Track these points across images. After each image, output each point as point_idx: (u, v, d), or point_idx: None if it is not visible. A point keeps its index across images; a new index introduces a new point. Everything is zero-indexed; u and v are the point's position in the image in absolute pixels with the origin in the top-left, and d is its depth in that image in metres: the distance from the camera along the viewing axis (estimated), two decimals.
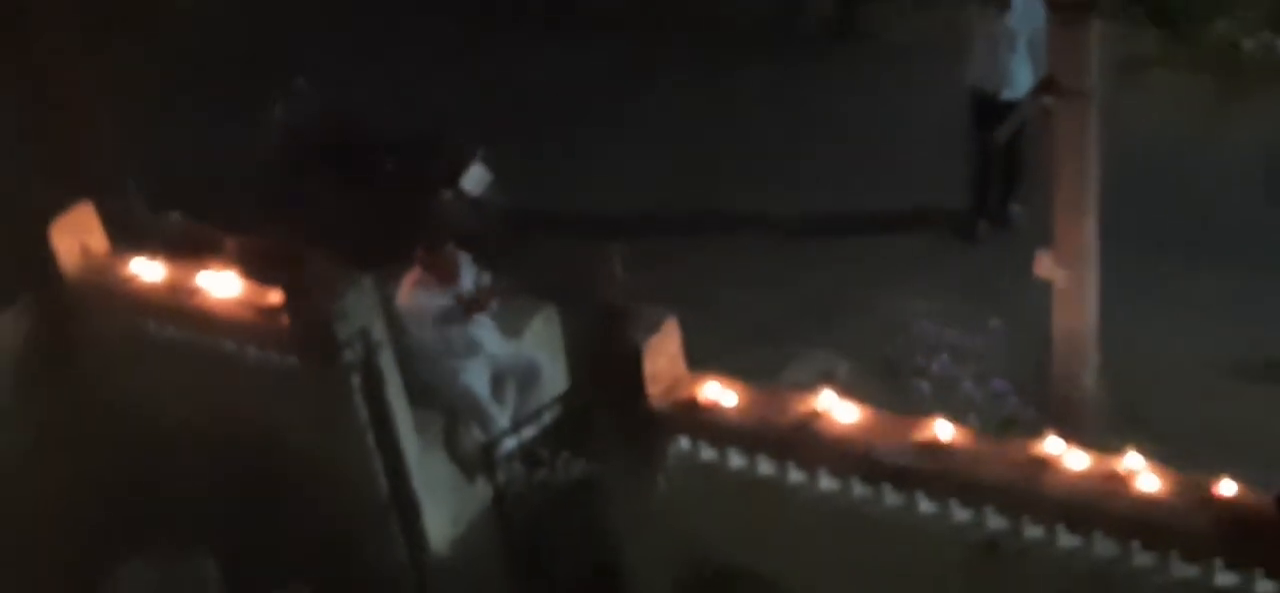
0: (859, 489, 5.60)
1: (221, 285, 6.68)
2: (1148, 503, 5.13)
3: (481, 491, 6.93)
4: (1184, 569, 5.10)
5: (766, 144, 9.17)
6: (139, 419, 6.84)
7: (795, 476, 5.71)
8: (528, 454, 6.80)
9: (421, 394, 6.79)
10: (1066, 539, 5.27)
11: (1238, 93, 8.84)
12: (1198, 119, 8.66)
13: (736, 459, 5.79)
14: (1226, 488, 5.02)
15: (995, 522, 5.38)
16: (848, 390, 5.84)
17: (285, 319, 6.44)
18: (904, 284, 7.97)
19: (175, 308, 6.78)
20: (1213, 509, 5.02)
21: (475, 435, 7.00)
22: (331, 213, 7.91)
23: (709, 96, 9.53)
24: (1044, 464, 5.31)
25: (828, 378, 6.44)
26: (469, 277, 6.82)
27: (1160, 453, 5.32)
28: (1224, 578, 5.06)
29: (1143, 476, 5.17)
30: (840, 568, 5.70)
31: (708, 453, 5.84)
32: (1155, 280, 7.44)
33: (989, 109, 7.99)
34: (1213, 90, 8.89)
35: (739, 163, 9.05)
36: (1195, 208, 8.10)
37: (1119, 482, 5.20)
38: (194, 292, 6.71)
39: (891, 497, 5.56)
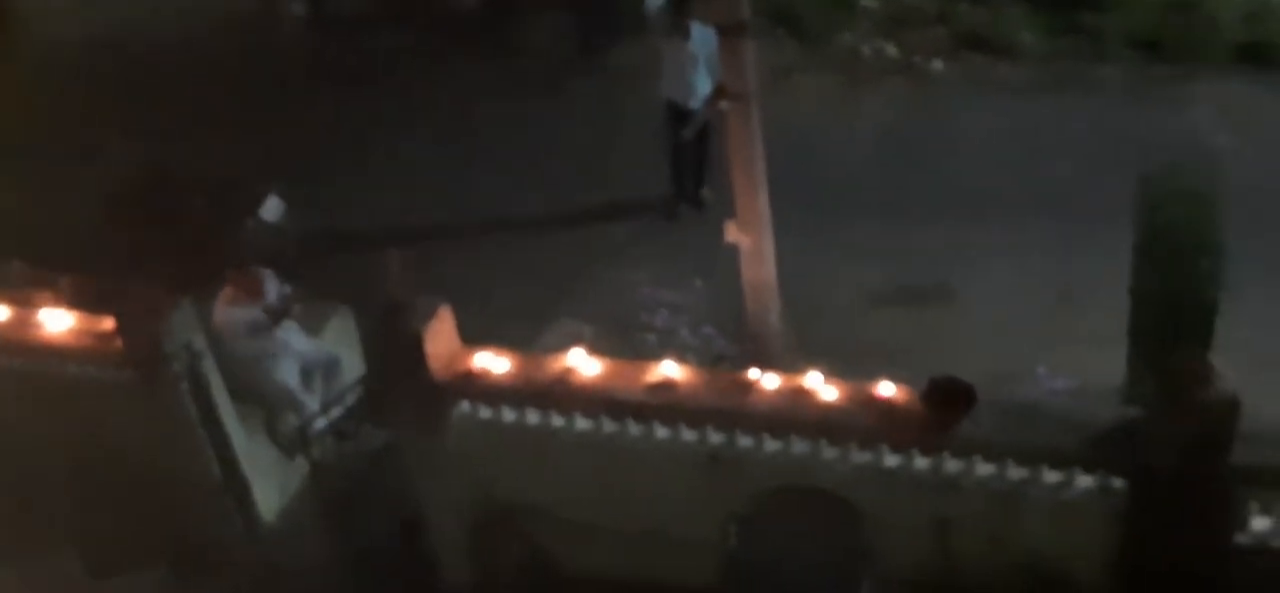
0: (608, 426, 5.57)
1: (60, 320, 6.38)
2: (827, 408, 5.25)
3: (300, 467, 6.67)
4: (860, 457, 5.20)
5: (520, 155, 9.07)
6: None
7: (557, 421, 5.64)
8: (336, 432, 6.61)
9: (242, 392, 6.51)
10: (771, 445, 5.31)
11: (861, 88, 9.20)
12: (834, 109, 8.97)
13: (508, 414, 5.69)
14: (885, 389, 5.19)
15: (715, 439, 5.42)
16: (591, 348, 5.80)
17: (119, 341, 6.17)
18: (628, 260, 7.97)
19: (19, 341, 6.39)
20: (876, 407, 5.20)
21: (291, 421, 6.75)
22: (154, 250, 7.51)
23: (473, 123, 9.39)
24: (748, 388, 5.37)
25: (575, 341, 6.37)
26: (273, 290, 6.57)
27: (834, 369, 5.41)
28: (890, 460, 5.18)
29: (822, 388, 5.30)
30: (601, 491, 5.68)
31: (485, 412, 5.72)
32: (818, 235, 7.55)
33: (680, 116, 8.08)
34: (842, 88, 9.23)
35: (497, 174, 8.93)
36: (839, 176, 8.28)
37: (805, 395, 5.27)
38: (36, 326, 6.38)
39: (634, 428, 5.53)
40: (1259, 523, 4.58)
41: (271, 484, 6.66)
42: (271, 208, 7.91)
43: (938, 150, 8.33)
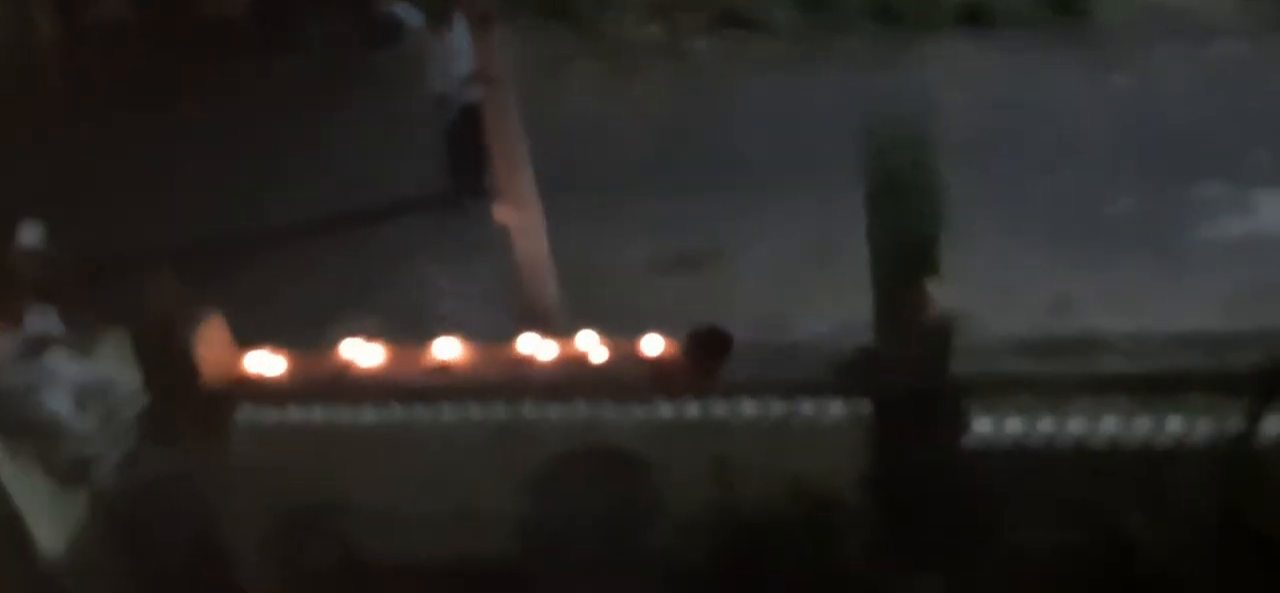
0: (397, 412, 5.88)
1: None
2: (604, 369, 5.81)
3: (81, 497, 6.72)
4: (638, 411, 5.74)
5: (300, 160, 9.29)
6: None
7: (344, 414, 5.90)
8: (116, 456, 6.61)
9: (9, 427, 6.46)
10: (556, 410, 5.78)
11: (631, 71, 9.90)
12: (607, 93, 9.64)
13: (295, 413, 5.92)
14: (650, 345, 5.80)
15: (502, 411, 5.87)
16: (376, 340, 6.09)
17: None
18: (412, 253, 8.36)
19: None
20: (648, 363, 5.81)
21: (66, 451, 6.77)
22: None
23: (249, 131, 9.55)
24: (528, 359, 5.88)
25: (364, 334, 6.63)
26: (40, 319, 6.59)
27: (614, 333, 5.97)
28: (663, 411, 5.76)
29: (598, 350, 5.86)
30: (399, 478, 5.94)
31: (268, 414, 5.93)
32: (597, 211, 8.14)
33: (450, 108, 8.53)
34: (613, 71, 9.91)
35: (276, 181, 9.15)
36: (614, 155, 8.91)
37: (583, 359, 5.82)
38: None
39: (422, 411, 5.87)
40: (982, 426, 5.43)
41: (50, 518, 6.67)
42: (29, 232, 7.89)
43: (705, 125, 9.11)
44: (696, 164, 8.58)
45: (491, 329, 7.59)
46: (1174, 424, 5.36)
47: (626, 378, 5.78)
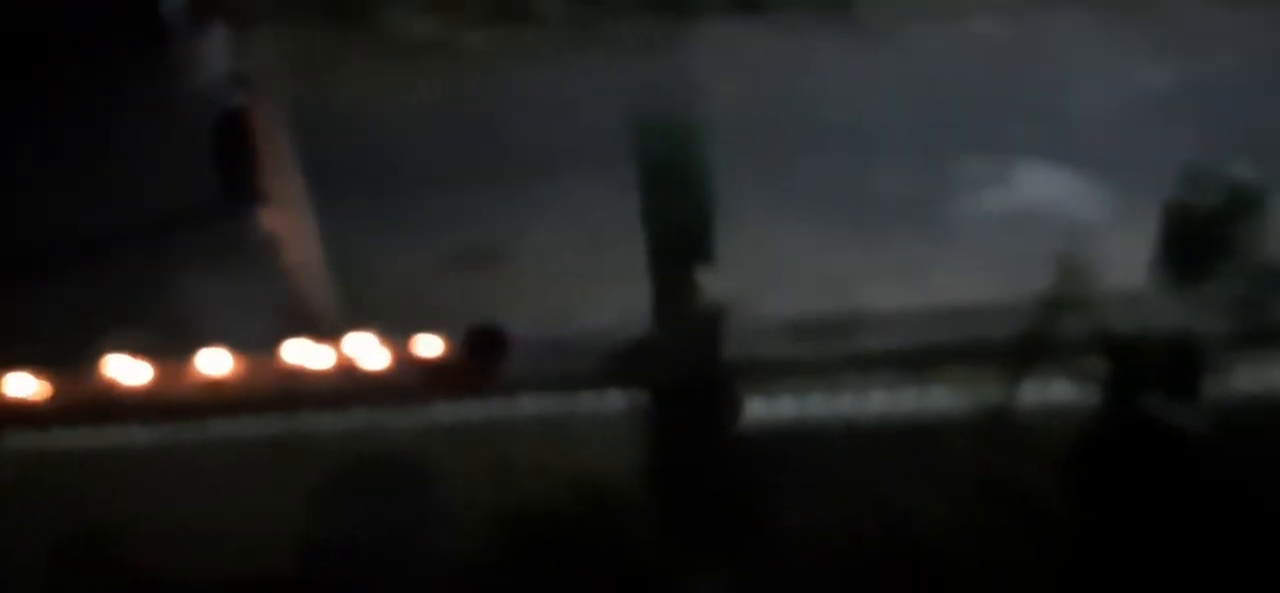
0: (168, 430, 5.75)
1: None
2: (380, 372, 5.75)
3: None
4: (419, 415, 5.75)
5: (67, 171, 8.86)
6: None
7: (113, 435, 5.76)
8: None
9: None
10: (334, 419, 5.74)
11: (405, 66, 9.76)
12: (382, 90, 9.47)
13: (60, 437, 5.74)
14: (429, 347, 5.75)
15: (279, 423, 5.75)
16: (145, 355, 5.94)
17: None
18: (184, 259, 8.04)
19: None
20: (423, 365, 5.75)
21: None
22: None
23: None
24: (303, 367, 5.77)
25: (128, 350, 6.43)
26: None
27: (392, 336, 5.89)
28: (444, 413, 5.77)
29: (373, 354, 5.78)
30: (172, 499, 5.80)
31: (29, 439, 5.74)
32: (376, 212, 7.91)
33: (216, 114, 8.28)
34: (387, 67, 9.74)
35: (40, 193, 8.72)
36: (391, 154, 8.76)
37: (358, 363, 5.77)
38: None
39: (194, 428, 5.76)
40: (757, 408, 5.57)
41: None
42: None
43: (481, 120, 9.03)
44: (474, 160, 8.51)
45: (264, 339, 7.47)
46: (940, 397, 5.61)
47: (405, 382, 5.74)
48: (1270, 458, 5.61)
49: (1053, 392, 5.65)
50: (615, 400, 5.62)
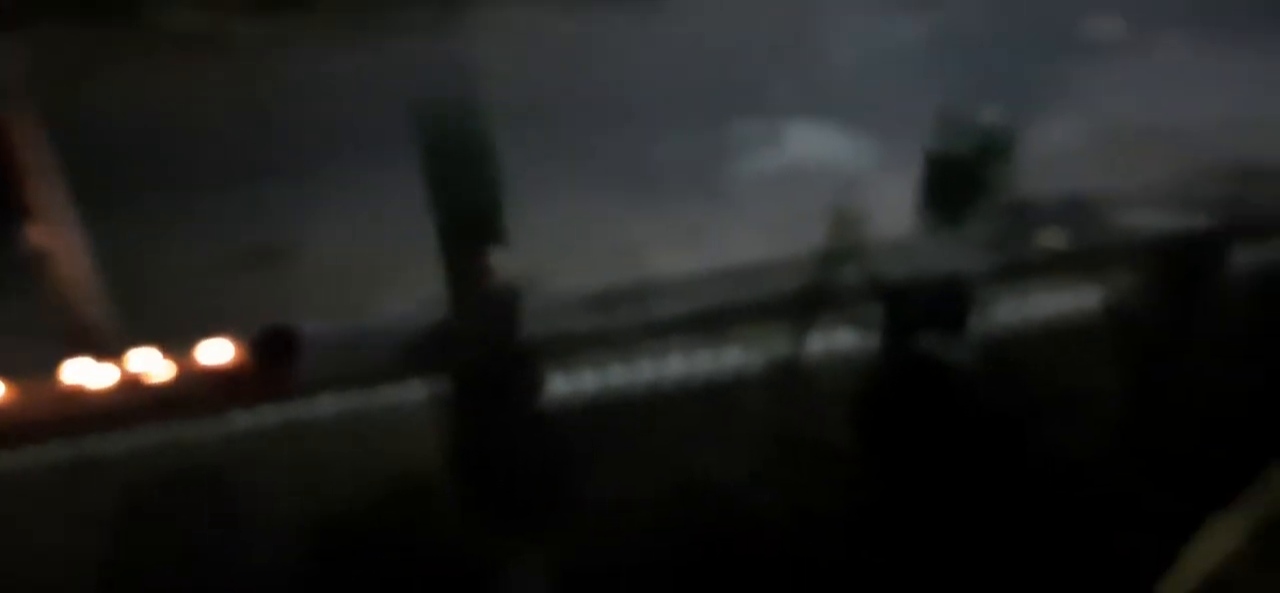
0: None
1: None
2: (167, 384, 5.56)
3: None
4: (215, 426, 5.58)
5: None
6: None
7: None
8: None
9: None
10: (119, 440, 5.51)
11: (176, 62, 9.41)
12: (154, 87, 9.10)
13: None
14: (217, 354, 5.59)
15: (61, 450, 5.50)
16: None
17: None
18: None
19: None
20: (213, 374, 5.59)
21: None
22: None
23: None
24: (81, 387, 5.52)
25: None
26: None
27: (176, 344, 5.69)
28: (241, 421, 5.61)
29: (158, 366, 5.59)
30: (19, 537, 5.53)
31: None
32: (157, 216, 7.71)
33: None
34: (157, 64, 9.37)
35: None
36: (168, 153, 8.47)
37: (144, 377, 5.57)
38: None
39: None
40: (559, 384, 5.66)
41: None
42: None
43: (258, 113, 8.80)
44: (251, 156, 8.31)
45: (40, 362, 7.12)
46: (733, 356, 5.81)
47: (196, 393, 5.57)
48: (1030, 382, 6.05)
49: (837, 340, 5.90)
50: (416, 391, 5.60)
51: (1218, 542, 5.01)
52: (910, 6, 9.81)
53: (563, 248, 6.79)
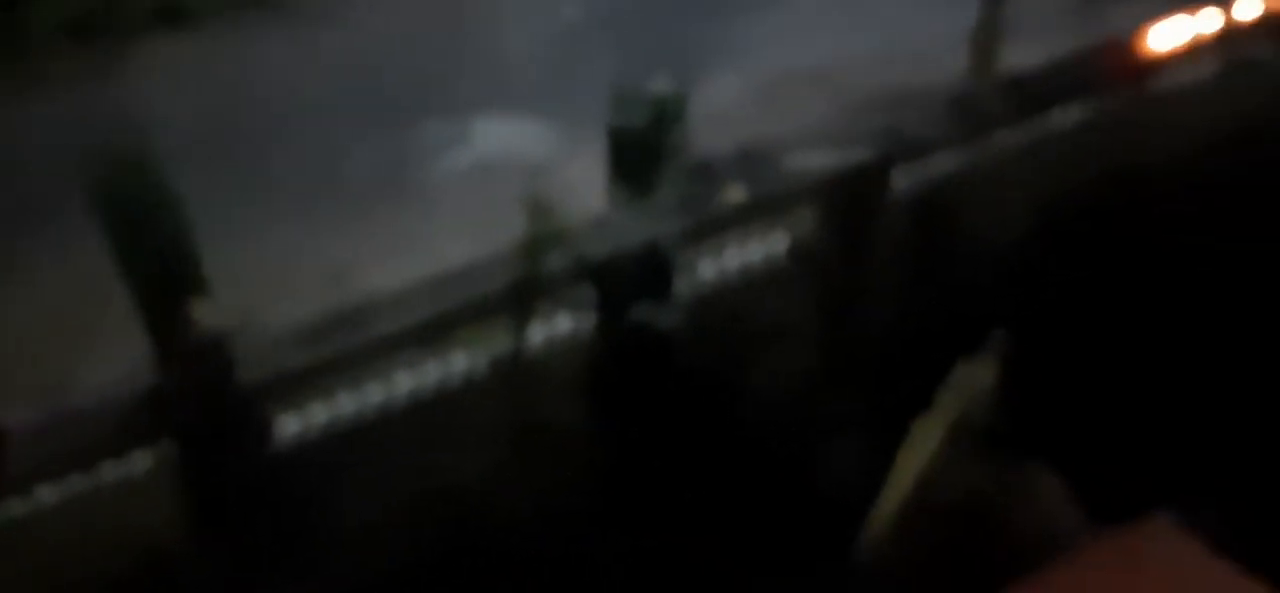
0: None
1: None
2: None
3: None
4: None
5: None
6: None
7: None
8: None
9: None
10: None
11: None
12: None
13: None
14: None
15: None
16: None
17: None
18: None
19: None
20: None
21: None
22: None
23: None
24: None
25: None
26: None
27: None
28: None
29: None
30: None
31: None
32: None
33: None
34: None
35: None
36: None
37: None
38: None
39: None
40: (291, 424, 5.59)
41: None
42: None
43: None
44: None
45: None
46: (459, 361, 5.90)
47: None
48: (738, 331, 6.45)
49: (556, 325, 6.09)
50: (140, 462, 5.40)
51: (921, 443, 5.55)
52: None
53: (267, 282, 6.63)
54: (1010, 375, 5.65)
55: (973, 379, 5.66)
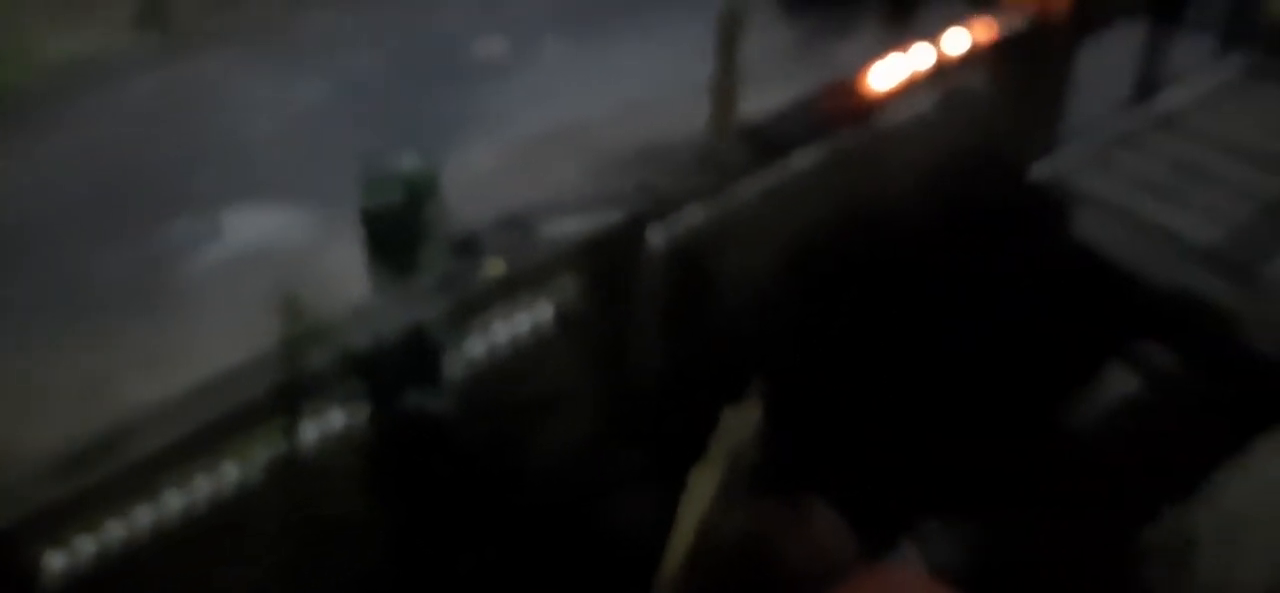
0: None
1: None
2: None
3: None
4: None
5: None
6: None
7: None
8: None
9: None
10: None
11: None
12: None
13: None
14: None
15: None
16: None
17: None
18: None
19: None
20: None
21: None
22: None
23: None
24: None
25: None
26: None
27: None
28: None
29: None
30: None
31: None
32: None
33: None
34: None
35: None
36: None
37: None
38: None
39: None
40: (55, 561, 5.31)
41: None
42: None
43: None
44: None
45: None
46: (232, 472, 5.74)
47: None
48: (511, 405, 6.52)
49: (329, 422, 6.02)
50: None
51: (698, 491, 5.76)
52: (306, 68, 9.90)
53: (18, 411, 6.29)
54: (775, 415, 5.92)
55: (739, 424, 5.89)
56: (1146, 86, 9.90)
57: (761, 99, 8.04)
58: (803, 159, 7.63)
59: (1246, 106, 9.70)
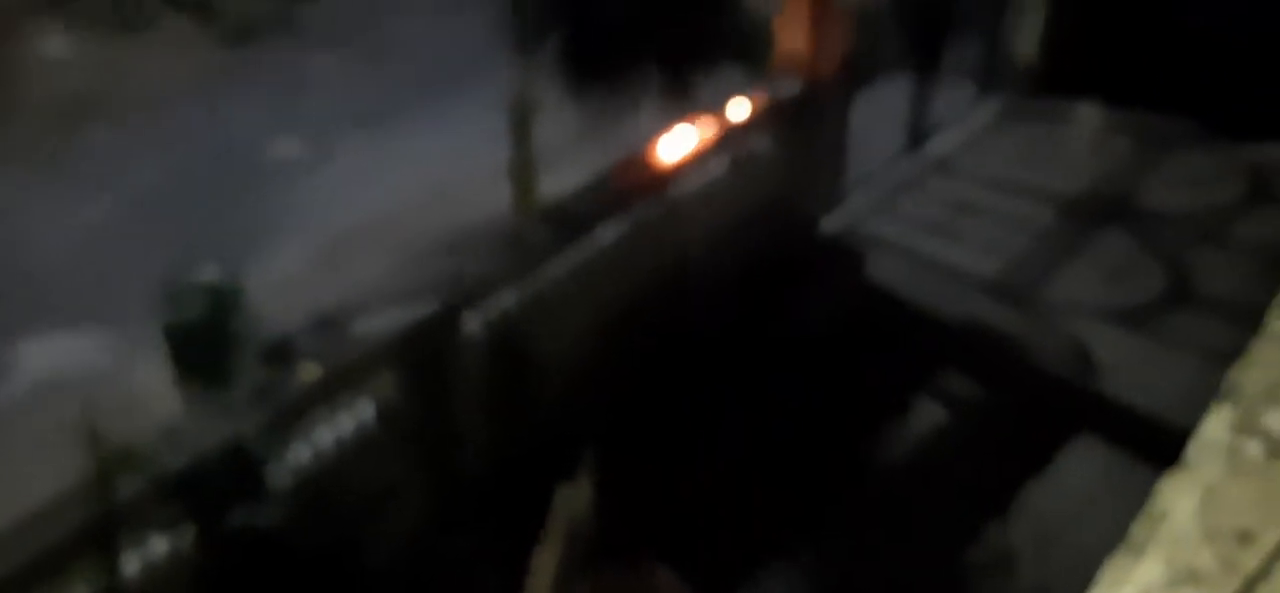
0: None
1: None
2: None
3: None
4: None
5: None
6: None
7: None
8: None
9: None
10: None
11: None
12: None
13: None
14: None
15: None
16: None
17: None
18: None
19: None
20: None
21: None
22: None
23: None
24: None
25: None
26: None
27: None
28: None
29: None
30: None
31: None
32: None
33: None
34: None
35: None
36: None
37: None
38: None
39: None
40: None
41: None
42: None
43: None
44: None
45: None
46: None
47: None
48: (342, 509, 6.37)
49: (151, 550, 5.76)
50: None
51: (540, 573, 5.76)
52: (90, 186, 9.49)
53: None
54: (607, 487, 5.98)
55: (573, 500, 5.94)
56: (918, 134, 10.52)
57: (560, 178, 8.16)
58: (606, 233, 7.76)
59: (1007, 144, 10.41)
